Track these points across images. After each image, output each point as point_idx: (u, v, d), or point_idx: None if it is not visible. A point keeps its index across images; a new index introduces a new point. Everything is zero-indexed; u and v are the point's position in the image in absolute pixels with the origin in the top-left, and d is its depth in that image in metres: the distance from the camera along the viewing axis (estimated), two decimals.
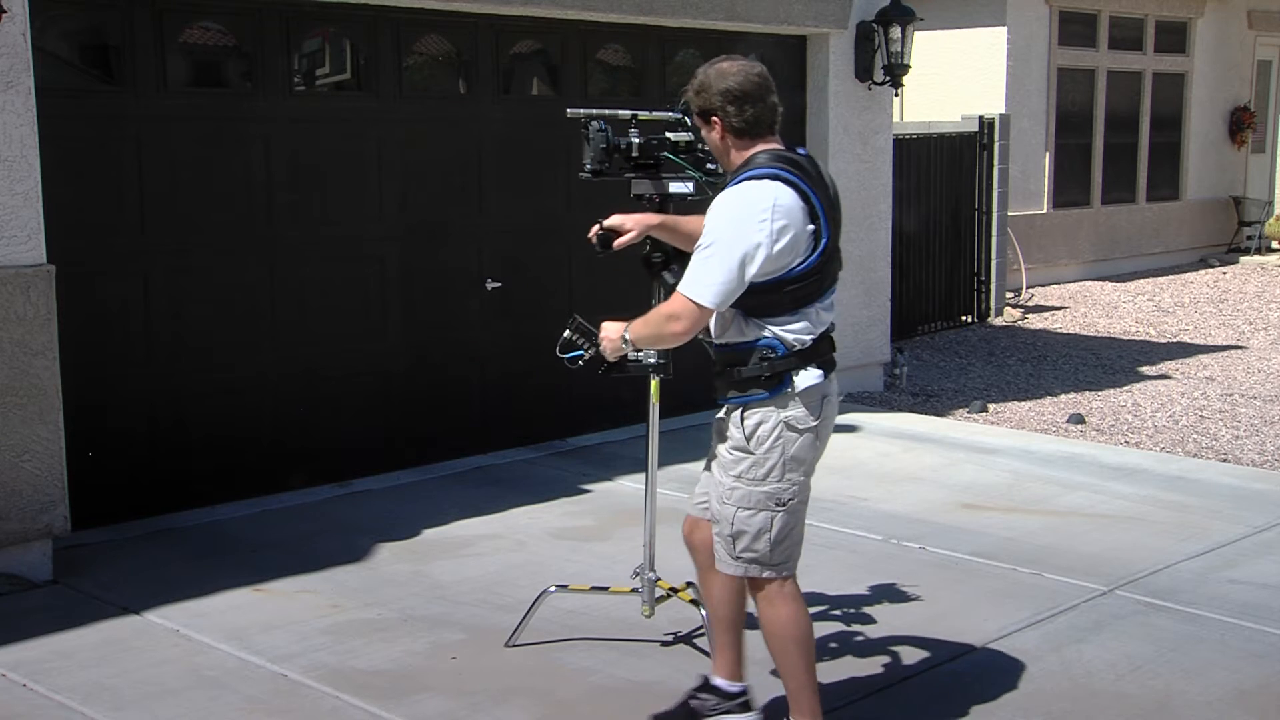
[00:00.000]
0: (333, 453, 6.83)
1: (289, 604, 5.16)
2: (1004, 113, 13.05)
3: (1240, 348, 11.39)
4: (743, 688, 4.05)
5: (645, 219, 4.15)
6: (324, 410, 6.81)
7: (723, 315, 3.72)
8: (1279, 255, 17.22)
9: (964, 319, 12.69)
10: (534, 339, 6.29)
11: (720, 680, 4.05)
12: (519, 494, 6.67)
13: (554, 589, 4.83)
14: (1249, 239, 17.34)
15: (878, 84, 8.81)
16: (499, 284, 7.35)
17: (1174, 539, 5.98)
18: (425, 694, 4.36)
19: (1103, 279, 15.45)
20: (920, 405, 9.10)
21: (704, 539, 3.97)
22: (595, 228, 4.18)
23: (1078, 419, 8.71)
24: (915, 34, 8.85)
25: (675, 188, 4.32)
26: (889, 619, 4.95)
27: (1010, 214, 13.29)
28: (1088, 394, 9.52)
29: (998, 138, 12.62)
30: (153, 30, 6.08)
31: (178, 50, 6.25)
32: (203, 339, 6.37)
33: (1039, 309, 13.50)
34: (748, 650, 4.02)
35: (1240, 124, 17.31)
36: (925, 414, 8.78)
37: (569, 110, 4.54)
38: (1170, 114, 16.47)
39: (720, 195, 3.70)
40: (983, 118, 12.57)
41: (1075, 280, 15.29)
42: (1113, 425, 8.59)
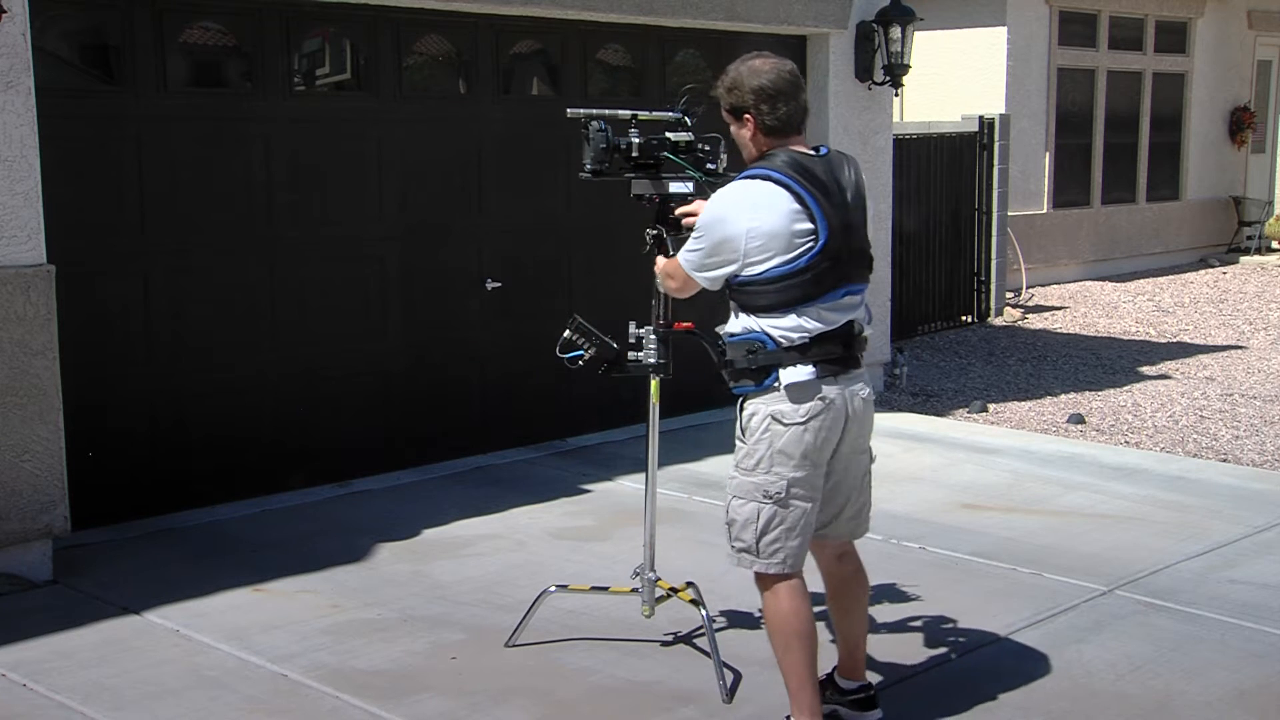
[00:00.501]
0: (333, 453, 6.83)
1: (289, 604, 5.16)
2: (1004, 113, 13.05)
3: (1240, 348, 11.39)
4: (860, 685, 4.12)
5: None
6: (324, 410, 6.81)
7: (729, 308, 3.85)
8: (1279, 255, 17.22)
9: (964, 319, 12.68)
10: (534, 339, 6.28)
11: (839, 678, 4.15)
12: (519, 494, 6.66)
13: (554, 589, 4.83)
14: (1249, 239, 17.33)
15: (878, 84, 8.81)
16: (499, 284, 7.35)
17: (1174, 539, 5.97)
18: (425, 694, 4.36)
19: (1103, 279, 15.45)
20: (920, 405, 9.10)
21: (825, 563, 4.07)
22: (651, 230, 4.26)
23: (1078, 419, 8.71)
24: (915, 34, 8.84)
25: (675, 188, 4.33)
26: (888, 619, 4.94)
27: (1010, 214, 13.29)
28: (1088, 394, 9.52)
29: (998, 138, 12.62)
30: (153, 30, 6.08)
31: (178, 50, 6.25)
32: (203, 339, 6.37)
33: (1039, 309, 13.49)
34: (751, 650, 4.01)
35: (1240, 124, 17.30)
36: (925, 414, 8.78)
37: (569, 110, 4.54)
38: (1170, 114, 16.46)
39: (720, 188, 3.85)
40: (983, 118, 12.57)
41: (1075, 280, 15.29)
42: (1113, 425, 8.59)
